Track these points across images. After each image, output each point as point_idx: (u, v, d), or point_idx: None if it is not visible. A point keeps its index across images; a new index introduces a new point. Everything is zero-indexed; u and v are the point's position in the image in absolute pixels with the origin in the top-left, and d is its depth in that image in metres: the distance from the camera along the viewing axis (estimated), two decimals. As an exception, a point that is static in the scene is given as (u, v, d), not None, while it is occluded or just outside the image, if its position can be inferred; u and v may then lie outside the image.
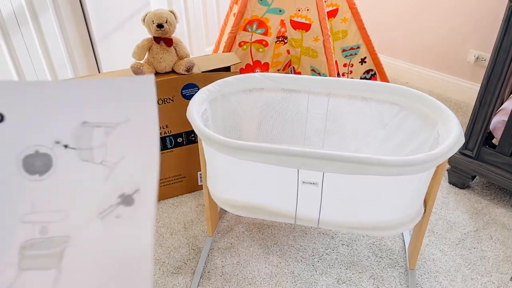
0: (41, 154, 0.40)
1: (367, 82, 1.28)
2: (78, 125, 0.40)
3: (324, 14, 1.64)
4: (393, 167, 0.94)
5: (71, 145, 0.41)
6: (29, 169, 0.39)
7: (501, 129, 1.47)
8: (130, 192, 0.41)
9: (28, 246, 0.38)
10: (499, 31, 1.36)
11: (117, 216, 0.41)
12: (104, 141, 0.41)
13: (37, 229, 0.39)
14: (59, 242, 0.39)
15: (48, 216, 0.39)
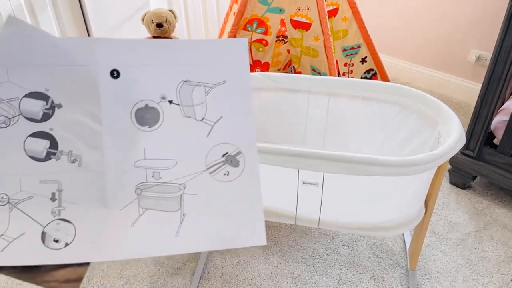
0: (150, 108, 0.44)
1: (368, 81, 1.28)
2: (181, 83, 0.45)
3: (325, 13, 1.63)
4: (394, 168, 0.93)
5: (175, 101, 0.45)
6: (140, 120, 0.44)
7: (502, 129, 1.47)
8: (233, 153, 0.46)
9: (143, 188, 0.43)
10: (500, 31, 1.35)
11: (225, 174, 0.45)
12: (203, 99, 0.45)
13: (150, 174, 0.44)
14: (175, 189, 0.44)
15: (158, 163, 0.44)
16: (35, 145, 0.42)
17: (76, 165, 0.43)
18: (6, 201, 0.41)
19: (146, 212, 0.44)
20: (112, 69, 0.43)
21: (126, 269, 1.34)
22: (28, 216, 0.42)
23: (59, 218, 0.42)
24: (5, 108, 0.41)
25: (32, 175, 0.42)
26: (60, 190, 0.42)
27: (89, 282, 1.30)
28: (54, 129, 0.42)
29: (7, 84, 0.41)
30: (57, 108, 0.42)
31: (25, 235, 0.41)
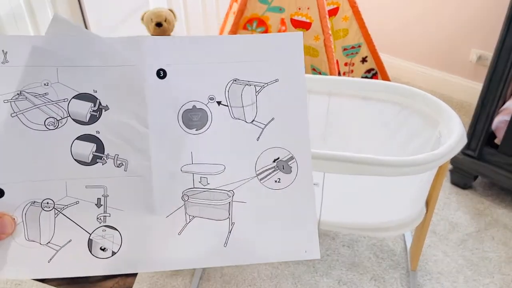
0: (198, 109, 0.42)
1: (368, 81, 1.27)
2: (230, 82, 0.42)
3: (325, 12, 1.63)
4: (394, 168, 0.93)
5: (224, 102, 0.42)
6: (187, 123, 0.42)
7: (503, 129, 1.46)
8: (285, 158, 0.43)
9: (190, 194, 0.41)
10: (501, 30, 1.35)
11: (276, 181, 0.42)
12: (254, 100, 0.43)
13: (197, 180, 0.42)
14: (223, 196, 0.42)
15: (206, 168, 0.42)
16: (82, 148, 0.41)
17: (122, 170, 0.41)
18: (52, 207, 0.40)
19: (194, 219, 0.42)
20: (158, 68, 0.41)
21: (125, 269, 1.34)
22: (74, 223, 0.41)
23: (104, 224, 0.41)
24: (54, 109, 0.40)
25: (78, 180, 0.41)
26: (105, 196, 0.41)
27: (88, 283, 1.30)
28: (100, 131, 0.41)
29: (57, 85, 0.40)
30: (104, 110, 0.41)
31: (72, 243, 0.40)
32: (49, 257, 0.40)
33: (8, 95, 0.40)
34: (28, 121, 0.40)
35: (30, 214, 0.40)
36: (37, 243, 0.40)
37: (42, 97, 0.40)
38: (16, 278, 0.40)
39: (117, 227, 0.41)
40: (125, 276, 0.41)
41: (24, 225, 0.40)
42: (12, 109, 0.40)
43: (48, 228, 0.40)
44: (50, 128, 0.41)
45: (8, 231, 0.39)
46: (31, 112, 0.40)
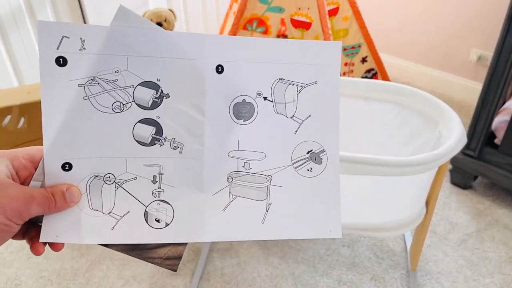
0: (247, 103, 0.47)
1: (368, 81, 1.27)
2: (276, 80, 0.48)
3: (325, 12, 1.63)
4: (394, 168, 0.93)
5: (269, 98, 0.48)
6: (237, 114, 0.47)
7: (503, 129, 1.46)
8: (317, 151, 0.49)
9: (234, 176, 0.47)
10: (502, 30, 1.35)
11: (308, 170, 0.48)
12: (295, 98, 0.48)
13: (241, 164, 0.47)
14: (262, 180, 0.47)
15: (249, 154, 0.48)
16: (142, 130, 0.45)
17: (177, 152, 0.45)
18: (113, 181, 0.45)
19: (236, 198, 0.47)
20: (217, 64, 0.45)
21: (125, 269, 1.34)
22: (132, 196, 0.45)
23: (159, 199, 0.45)
24: (121, 94, 0.44)
25: (137, 158, 0.45)
26: (161, 174, 0.45)
27: (88, 283, 1.30)
28: (160, 117, 0.45)
29: (126, 73, 0.44)
30: (165, 98, 0.45)
31: (130, 214, 0.45)
32: (112, 225, 0.44)
33: (82, 80, 0.43)
34: (98, 104, 0.44)
35: (93, 186, 0.45)
36: (100, 212, 0.44)
37: (112, 83, 0.44)
38: (85, 243, 0.44)
39: (170, 201, 0.46)
40: (176, 245, 0.46)
41: (88, 196, 0.44)
42: (85, 93, 0.44)
43: (109, 200, 0.45)
44: (116, 111, 0.45)
45: (75, 200, 0.43)
46: (101, 96, 0.44)
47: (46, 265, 1.36)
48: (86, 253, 1.40)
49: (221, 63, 0.46)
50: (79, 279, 1.31)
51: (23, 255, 1.39)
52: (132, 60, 0.44)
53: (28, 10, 1.66)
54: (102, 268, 1.34)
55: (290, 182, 0.48)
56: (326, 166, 0.49)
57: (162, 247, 0.45)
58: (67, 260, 1.38)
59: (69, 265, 1.36)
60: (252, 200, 0.47)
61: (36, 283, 1.30)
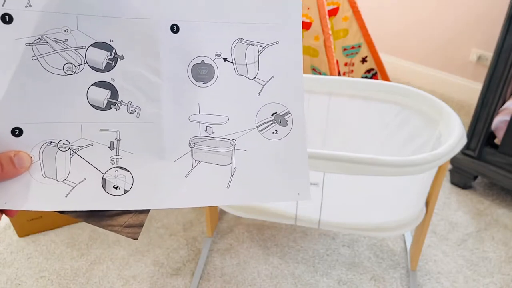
0: (206, 64, 0.46)
1: (368, 81, 1.27)
2: (236, 40, 0.46)
3: (325, 12, 1.63)
4: (394, 168, 0.93)
5: (229, 59, 0.46)
6: (196, 76, 0.46)
7: (503, 129, 1.46)
8: (282, 113, 0.48)
9: (197, 141, 0.46)
10: (501, 30, 1.35)
11: (274, 132, 0.48)
12: (256, 59, 0.47)
13: (203, 129, 0.46)
14: (226, 144, 0.46)
15: (211, 118, 0.46)
16: (97, 94, 0.43)
17: (134, 116, 0.44)
18: (68, 147, 0.43)
19: (199, 164, 0.46)
20: (172, 23, 0.44)
21: (125, 269, 1.34)
22: (88, 163, 0.43)
23: (117, 166, 0.44)
24: (72, 55, 0.42)
25: (93, 124, 0.43)
26: (118, 140, 0.44)
27: (89, 283, 1.30)
28: (115, 79, 0.43)
29: (76, 32, 0.42)
30: (119, 60, 0.43)
31: (87, 181, 0.43)
32: (66, 192, 0.43)
33: (30, 39, 0.41)
34: (48, 65, 0.42)
35: (47, 153, 0.43)
36: (53, 179, 0.43)
37: (61, 43, 0.42)
38: (36, 210, 0.42)
39: (129, 168, 0.44)
40: (138, 213, 0.44)
41: (41, 164, 0.43)
42: (33, 53, 0.42)
43: (64, 167, 0.43)
44: (68, 73, 0.43)
45: (25, 165, 0.42)
46: (51, 56, 0.42)
47: (46, 265, 1.36)
48: (86, 253, 1.40)
49: (176, 23, 0.44)
50: (79, 279, 1.31)
51: (23, 255, 1.39)
52: (83, 19, 0.42)
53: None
54: (102, 268, 1.34)
55: (255, 146, 0.47)
56: (292, 128, 0.48)
57: (122, 214, 0.44)
58: (67, 260, 1.38)
59: (69, 265, 1.36)
60: (216, 165, 0.46)
61: (36, 283, 1.30)
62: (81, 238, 1.45)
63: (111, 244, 1.43)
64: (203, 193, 0.45)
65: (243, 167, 0.47)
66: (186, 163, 0.45)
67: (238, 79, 0.47)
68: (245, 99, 0.47)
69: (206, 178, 0.46)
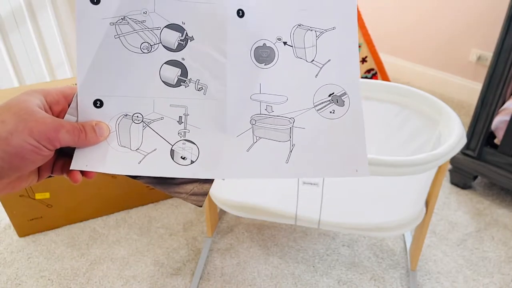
0: (267, 47, 0.49)
1: (368, 81, 1.27)
2: (295, 26, 0.50)
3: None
4: (394, 167, 0.93)
5: (289, 42, 0.49)
6: (258, 58, 0.49)
7: (503, 129, 1.46)
8: (339, 93, 0.50)
9: (257, 119, 0.48)
10: (501, 30, 1.35)
11: (331, 112, 0.49)
12: (314, 43, 0.50)
13: (263, 107, 0.49)
14: (285, 121, 0.49)
15: (271, 98, 0.49)
16: (169, 72, 0.47)
17: (201, 93, 0.47)
18: (141, 120, 0.46)
19: (260, 140, 0.48)
20: (238, 8, 0.47)
21: (125, 269, 1.34)
22: (159, 135, 0.46)
23: (184, 139, 0.47)
24: (149, 35, 0.46)
25: (164, 99, 0.47)
26: (186, 115, 0.47)
27: (89, 282, 1.30)
28: (185, 59, 0.47)
29: (153, 14, 0.46)
30: (189, 41, 0.47)
31: (157, 151, 0.46)
32: (139, 160, 0.46)
33: (113, 19, 0.45)
34: (128, 44, 0.46)
35: (123, 125, 0.46)
36: (128, 148, 0.46)
37: (140, 23, 0.46)
38: (112, 173, 0.45)
39: (195, 141, 0.47)
40: (202, 182, 0.47)
41: (117, 134, 0.46)
42: (116, 32, 0.45)
43: (137, 138, 0.46)
44: (144, 51, 0.46)
45: (104, 134, 0.45)
46: (131, 36, 0.46)
47: (46, 265, 1.36)
48: (86, 253, 1.40)
49: (242, 8, 0.48)
50: (79, 279, 1.31)
51: (23, 255, 1.39)
52: (159, 2, 0.46)
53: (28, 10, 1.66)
54: (102, 268, 1.34)
55: (313, 124, 0.49)
56: (349, 108, 0.49)
57: (189, 183, 0.46)
58: (67, 260, 1.38)
59: (69, 265, 1.36)
60: (275, 141, 0.48)
61: (36, 283, 1.30)
62: (81, 238, 1.45)
63: (111, 244, 1.43)
64: (263, 167, 0.48)
65: (302, 144, 0.49)
66: (248, 138, 0.48)
67: (297, 61, 0.49)
68: (303, 80, 0.49)
69: (266, 153, 0.48)
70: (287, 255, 1.38)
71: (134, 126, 0.46)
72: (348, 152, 0.49)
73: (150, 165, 0.46)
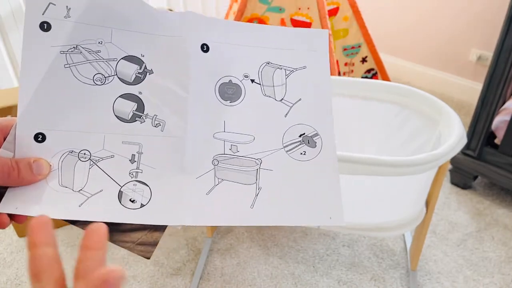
0: (233, 84, 0.47)
1: (369, 81, 1.27)
2: (263, 64, 0.47)
3: (325, 12, 1.63)
4: (394, 168, 0.93)
5: (257, 80, 0.47)
6: (223, 95, 0.46)
7: (503, 129, 1.46)
8: (310, 134, 0.47)
9: (220, 159, 0.45)
10: (501, 30, 1.35)
11: (302, 153, 0.46)
12: (283, 81, 0.47)
13: (228, 147, 0.45)
14: (251, 163, 0.45)
15: (237, 137, 0.46)
16: (123, 105, 0.43)
17: (159, 130, 0.43)
18: (88, 158, 0.42)
19: (222, 182, 0.44)
20: (202, 43, 0.45)
21: (125, 269, 1.34)
22: (107, 175, 0.42)
23: (136, 179, 0.42)
24: (103, 66, 0.43)
25: (116, 135, 0.43)
26: (140, 153, 0.43)
27: (89, 283, 1.30)
28: (143, 92, 0.44)
29: (109, 45, 0.43)
30: (148, 74, 0.44)
31: (103, 193, 0.42)
32: (80, 202, 0.41)
33: (64, 47, 0.42)
34: (79, 74, 0.43)
35: (66, 162, 0.42)
36: (69, 189, 0.41)
37: (95, 53, 0.43)
38: None
39: (148, 183, 0.43)
40: (152, 230, 0.42)
41: (59, 172, 0.42)
42: (66, 61, 0.42)
43: (82, 177, 0.42)
44: (98, 83, 0.43)
45: (43, 172, 0.41)
46: (83, 66, 0.43)
47: (46, 265, 1.35)
48: (86, 253, 1.40)
49: (206, 42, 0.45)
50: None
51: (23, 255, 1.39)
52: (117, 33, 0.43)
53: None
54: (102, 268, 1.34)
55: (282, 166, 0.45)
56: (321, 149, 0.47)
57: (136, 230, 0.42)
58: (67, 260, 1.38)
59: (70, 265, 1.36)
60: (239, 184, 0.44)
61: (36, 283, 1.30)
62: (81, 238, 1.45)
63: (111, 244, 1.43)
64: (224, 212, 0.43)
65: (269, 187, 0.45)
66: (208, 180, 0.44)
67: (265, 100, 0.47)
68: (272, 120, 0.47)
69: (229, 197, 0.44)
70: (287, 255, 1.38)
71: (79, 164, 0.42)
72: (321, 197, 0.45)
73: (91, 208, 0.41)
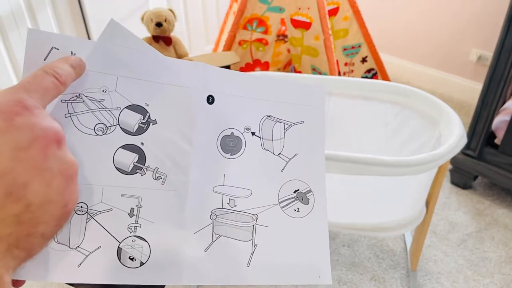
0: (235, 137, 0.46)
1: (369, 81, 1.27)
2: (264, 117, 0.47)
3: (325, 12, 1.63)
4: (394, 168, 0.93)
5: (257, 133, 0.47)
6: (224, 148, 0.45)
7: (503, 129, 1.46)
8: (304, 191, 0.47)
9: (218, 214, 0.44)
10: (502, 30, 1.35)
11: (296, 210, 0.46)
12: (282, 135, 0.47)
13: (226, 201, 0.44)
14: (248, 218, 0.44)
15: (235, 191, 0.45)
16: (124, 157, 0.41)
17: (159, 183, 0.42)
18: (85, 211, 0.40)
19: (220, 238, 0.43)
20: (209, 94, 0.44)
21: None
22: (105, 229, 0.40)
23: (134, 235, 0.41)
24: (106, 116, 0.41)
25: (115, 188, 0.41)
26: (139, 206, 0.41)
27: (88, 283, 1.30)
28: (145, 144, 0.42)
29: (113, 93, 0.41)
30: (151, 124, 0.42)
31: (101, 250, 0.40)
32: (78, 262, 0.39)
33: (66, 96, 0.40)
34: (80, 124, 0.41)
35: None
36: (66, 246, 0.39)
37: (98, 102, 0.41)
38: (49, 280, 0.39)
39: (147, 238, 0.41)
40: None
41: None
42: (67, 110, 0.40)
43: (78, 233, 0.40)
44: (98, 133, 0.41)
45: None
46: (84, 115, 0.41)
47: (46, 265, 1.36)
48: (86, 253, 1.40)
49: (212, 94, 0.44)
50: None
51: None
52: (122, 81, 0.42)
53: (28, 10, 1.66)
54: (102, 268, 1.34)
55: (277, 223, 0.45)
56: (313, 207, 0.47)
57: None
58: None
59: None
60: (236, 240, 0.43)
61: (36, 283, 1.30)
62: (81, 238, 1.45)
63: None
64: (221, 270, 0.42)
65: (264, 245, 0.44)
66: (206, 236, 0.43)
67: (263, 153, 0.46)
68: (269, 174, 0.46)
69: (225, 254, 0.43)
70: (287, 255, 1.38)
71: (76, 218, 0.39)
72: (312, 256, 0.45)
73: (92, 269, 0.39)
